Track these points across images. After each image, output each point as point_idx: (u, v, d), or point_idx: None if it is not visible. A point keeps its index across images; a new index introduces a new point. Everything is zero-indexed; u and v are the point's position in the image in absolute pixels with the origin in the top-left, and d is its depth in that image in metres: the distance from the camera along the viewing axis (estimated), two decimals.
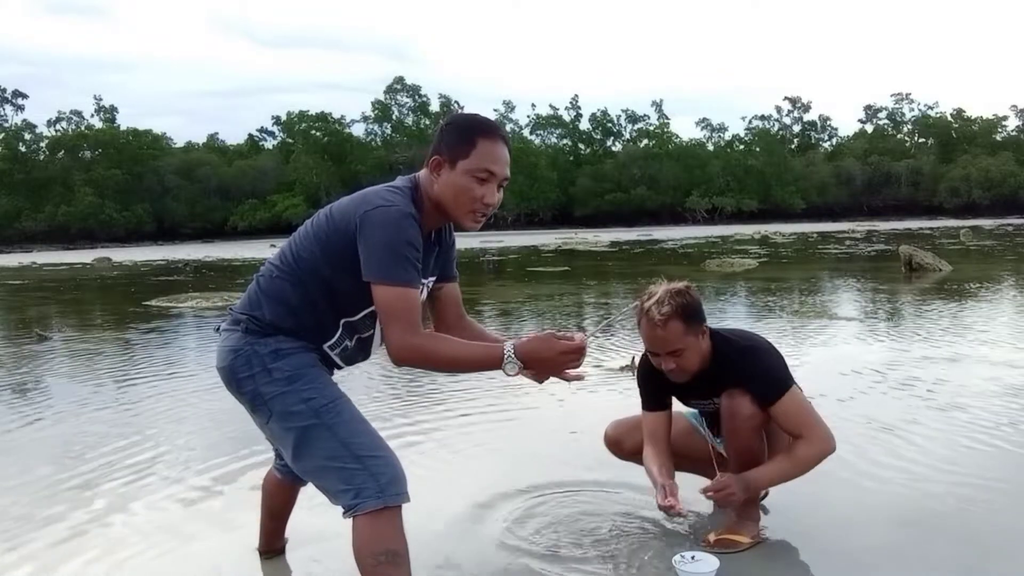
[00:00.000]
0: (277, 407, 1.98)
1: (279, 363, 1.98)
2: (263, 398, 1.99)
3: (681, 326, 2.43)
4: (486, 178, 1.99)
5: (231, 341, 2.04)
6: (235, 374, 2.02)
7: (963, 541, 2.56)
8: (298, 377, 1.98)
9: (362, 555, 1.91)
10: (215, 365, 2.11)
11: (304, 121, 73.13)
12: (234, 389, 2.06)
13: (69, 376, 6.09)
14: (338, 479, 1.92)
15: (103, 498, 3.20)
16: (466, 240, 41.48)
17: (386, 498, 1.89)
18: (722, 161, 76.07)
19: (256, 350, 1.99)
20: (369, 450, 1.94)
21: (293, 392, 1.97)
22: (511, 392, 4.87)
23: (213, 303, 11.44)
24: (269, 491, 2.52)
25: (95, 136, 67.88)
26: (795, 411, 2.47)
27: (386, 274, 1.87)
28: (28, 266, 28.63)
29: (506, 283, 14.07)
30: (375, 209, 1.90)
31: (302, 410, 1.95)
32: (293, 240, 2.10)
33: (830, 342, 6.52)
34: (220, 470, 3.50)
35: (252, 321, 2.03)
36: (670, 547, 2.50)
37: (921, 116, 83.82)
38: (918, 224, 51.16)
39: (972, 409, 4.15)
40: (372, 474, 1.90)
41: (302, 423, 1.95)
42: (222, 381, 2.10)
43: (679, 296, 2.44)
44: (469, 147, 1.96)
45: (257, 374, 1.99)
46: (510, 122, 78.31)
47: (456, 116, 2.08)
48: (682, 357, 2.47)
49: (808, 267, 16.73)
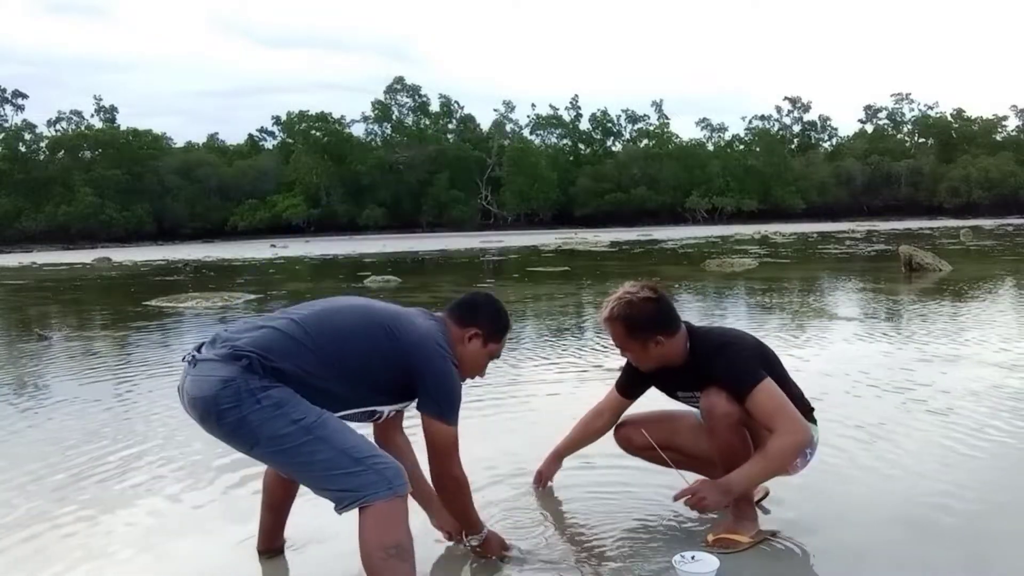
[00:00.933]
0: (266, 432, 2.03)
1: (267, 392, 2.05)
2: (250, 426, 2.03)
3: (622, 331, 2.60)
4: (493, 358, 2.49)
5: (224, 371, 2.05)
6: (218, 404, 2.03)
7: (962, 541, 2.56)
8: (284, 403, 2.06)
9: (370, 549, 1.99)
10: (188, 392, 2.09)
11: (304, 121, 73.07)
12: (212, 420, 2.06)
13: (68, 375, 6.09)
14: (342, 484, 2.01)
15: (100, 498, 3.20)
16: (466, 240, 41.50)
17: (395, 487, 2.02)
18: (722, 161, 75.98)
19: (249, 385, 2.04)
20: (366, 452, 2.06)
21: (281, 416, 2.03)
22: (510, 392, 4.88)
23: (213, 303, 11.44)
24: (270, 485, 2.54)
25: (95, 136, 67.79)
26: (765, 403, 2.47)
27: (449, 416, 2.25)
28: (28, 266, 28.63)
29: (507, 283, 14.06)
30: (443, 359, 2.26)
31: (292, 431, 2.03)
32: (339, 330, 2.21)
33: (830, 342, 6.52)
34: (218, 470, 3.50)
35: (262, 365, 2.06)
36: (670, 547, 2.50)
37: (921, 116, 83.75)
38: (918, 224, 51.16)
39: (972, 409, 4.15)
40: (376, 471, 2.02)
41: (295, 443, 2.03)
42: (191, 409, 2.11)
43: (628, 306, 2.58)
44: (500, 336, 2.48)
45: (244, 403, 2.02)
46: (510, 122, 78.37)
47: (498, 304, 2.51)
48: (629, 354, 2.68)
49: (808, 267, 16.74)
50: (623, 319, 2.57)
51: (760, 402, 2.46)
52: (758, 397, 2.46)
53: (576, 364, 5.85)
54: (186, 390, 2.11)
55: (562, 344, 6.83)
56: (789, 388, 2.70)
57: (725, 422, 2.50)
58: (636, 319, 2.56)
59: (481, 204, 72.63)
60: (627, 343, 2.62)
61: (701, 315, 8.50)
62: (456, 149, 72.37)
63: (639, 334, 2.58)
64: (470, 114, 79.12)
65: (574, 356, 6.20)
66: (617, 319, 2.58)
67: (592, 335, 7.30)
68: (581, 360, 6.00)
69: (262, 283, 16.29)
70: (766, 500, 2.89)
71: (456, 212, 68.54)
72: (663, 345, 2.59)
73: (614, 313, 2.59)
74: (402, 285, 14.17)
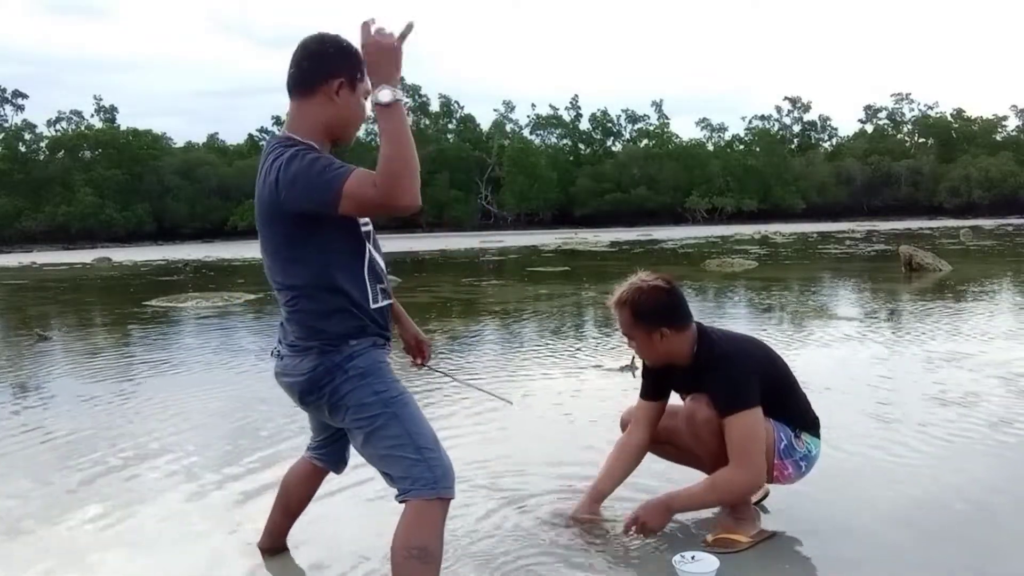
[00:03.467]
0: (353, 401, 2.09)
1: (353, 363, 2.09)
2: (339, 394, 2.09)
3: (630, 317, 2.59)
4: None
5: (309, 360, 2.10)
6: (317, 383, 2.11)
7: (963, 541, 2.56)
8: (369, 372, 2.10)
9: (396, 546, 2.03)
10: (285, 381, 2.17)
11: None
12: (311, 398, 2.13)
13: (68, 375, 6.09)
14: (400, 467, 2.05)
15: (102, 496, 3.20)
16: (466, 240, 41.47)
17: (439, 490, 2.03)
18: (722, 161, 75.94)
19: (333, 360, 2.09)
20: (428, 443, 2.07)
21: (366, 386, 2.09)
22: (509, 392, 4.88)
23: (213, 303, 11.44)
24: (291, 487, 2.54)
25: (95, 136, 67.73)
26: (738, 435, 2.46)
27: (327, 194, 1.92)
28: (28, 266, 28.61)
29: (507, 283, 14.06)
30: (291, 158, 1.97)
31: (373, 401, 2.08)
32: (270, 257, 2.14)
33: (829, 342, 6.51)
34: (220, 467, 3.51)
35: (324, 343, 2.09)
36: (670, 547, 2.51)
37: (921, 116, 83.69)
38: (918, 224, 51.13)
39: (972, 409, 4.15)
40: (429, 466, 2.04)
41: (373, 412, 2.08)
42: (294, 393, 2.17)
43: (639, 292, 2.57)
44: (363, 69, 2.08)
45: (336, 376, 2.09)
46: (510, 122, 78.31)
47: (336, 38, 2.13)
48: (635, 343, 2.64)
49: (808, 267, 16.74)
50: (631, 304, 2.57)
51: (734, 431, 2.46)
52: (735, 425, 2.46)
53: (575, 364, 5.86)
54: (284, 380, 2.18)
55: (562, 344, 6.83)
56: (794, 398, 2.69)
57: (706, 428, 2.52)
58: (644, 306, 2.55)
59: (481, 204, 72.59)
60: (632, 330, 2.61)
61: (701, 315, 8.46)
62: (456, 149, 72.34)
63: (644, 322, 2.57)
64: (470, 114, 79.13)
65: (573, 356, 6.20)
66: (626, 304, 2.59)
67: (592, 335, 7.30)
68: (580, 360, 6.00)
69: (262, 283, 16.27)
70: (766, 500, 2.89)
71: (456, 212, 68.47)
72: (669, 339, 2.57)
73: (623, 298, 2.59)
74: (402, 285, 14.17)
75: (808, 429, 2.69)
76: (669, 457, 2.90)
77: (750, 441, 2.46)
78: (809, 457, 2.68)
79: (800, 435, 2.66)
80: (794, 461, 2.62)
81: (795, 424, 2.66)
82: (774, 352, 2.75)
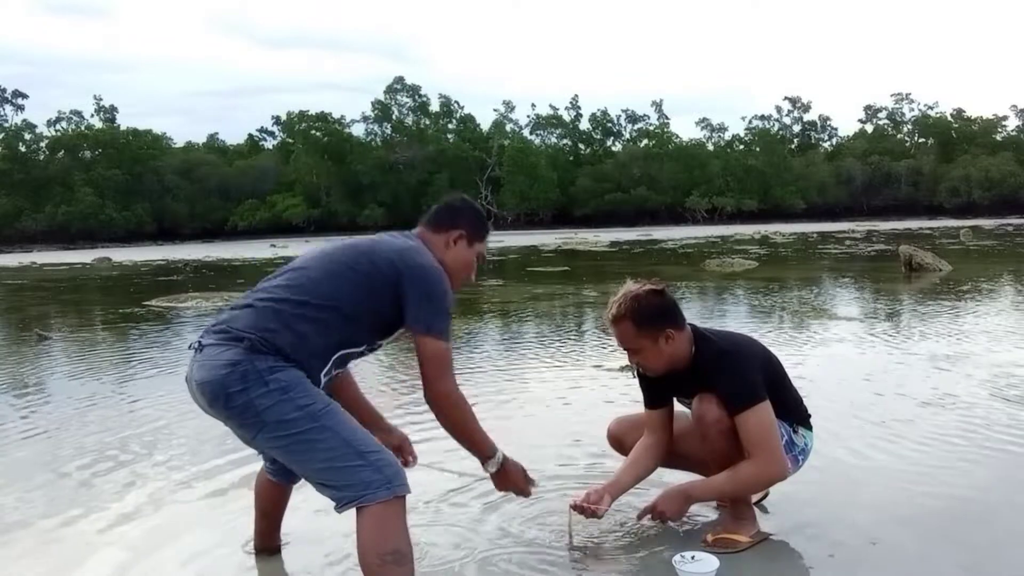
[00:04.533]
0: (272, 417, 2.00)
1: (275, 375, 2.02)
2: (255, 410, 2.00)
3: (632, 328, 2.49)
4: (480, 261, 2.45)
5: (228, 355, 2.03)
6: (226, 388, 2.01)
7: (962, 541, 2.56)
8: (292, 387, 2.03)
9: (367, 555, 1.97)
10: (194, 379, 2.10)
11: (304, 121, 72.99)
12: (220, 404, 2.04)
13: (68, 375, 6.09)
14: (344, 476, 1.98)
15: (99, 497, 3.20)
16: None
17: (394, 488, 1.99)
18: (722, 161, 75.88)
19: (255, 365, 2.02)
20: (369, 446, 2.02)
21: (288, 400, 2.01)
22: (510, 392, 4.88)
23: (213, 303, 11.43)
24: (260, 492, 2.53)
25: (95, 136, 67.71)
26: (755, 428, 2.44)
27: (439, 329, 2.14)
28: (28, 266, 28.62)
29: (507, 283, 14.05)
30: (425, 267, 2.17)
31: (298, 416, 2.00)
32: (321, 275, 2.17)
33: (829, 342, 6.51)
34: (217, 469, 3.50)
35: (262, 342, 2.04)
36: (670, 547, 2.50)
37: (921, 116, 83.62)
38: (918, 224, 51.12)
39: (971, 409, 4.15)
40: (376, 468, 1.99)
41: (299, 428, 2.00)
42: (199, 396, 2.10)
43: (635, 300, 2.50)
44: (484, 235, 2.44)
45: (251, 387, 2.00)
46: (510, 122, 78.27)
47: (476, 204, 2.50)
48: (640, 355, 2.55)
49: (808, 267, 16.74)
50: (631, 314, 2.48)
51: (750, 426, 2.44)
52: (750, 420, 2.43)
53: (575, 364, 5.85)
54: (193, 378, 2.10)
55: (562, 344, 6.83)
56: (789, 394, 2.70)
57: (716, 428, 2.49)
58: (644, 312, 2.48)
59: (481, 204, 72.44)
60: (637, 341, 2.51)
61: (701, 315, 8.50)
62: (456, 149, 72.29)
63: (649, 328, 2.48)
64: (470, 114, 79.04)
65: (573, 356, 6.20)
66: (625, 316, 2.48)
67: (592, 335, 7.30)
68: (580, 360, 6.00)
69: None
70: (766, 500, 2.89)
71: None
72: (674, 340, 2.51)
73: (621, 311, 2.48)
74: None
75: (803, 423, 2.71)
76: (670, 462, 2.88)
77: (768, 432, 2.45)
78: (806, 451, 2.70)
79: (797, 429, 2.68)
80: (793, 456, 2.62)
81: (792, 419, 2.66)
82: (768, 348, 2.75)
